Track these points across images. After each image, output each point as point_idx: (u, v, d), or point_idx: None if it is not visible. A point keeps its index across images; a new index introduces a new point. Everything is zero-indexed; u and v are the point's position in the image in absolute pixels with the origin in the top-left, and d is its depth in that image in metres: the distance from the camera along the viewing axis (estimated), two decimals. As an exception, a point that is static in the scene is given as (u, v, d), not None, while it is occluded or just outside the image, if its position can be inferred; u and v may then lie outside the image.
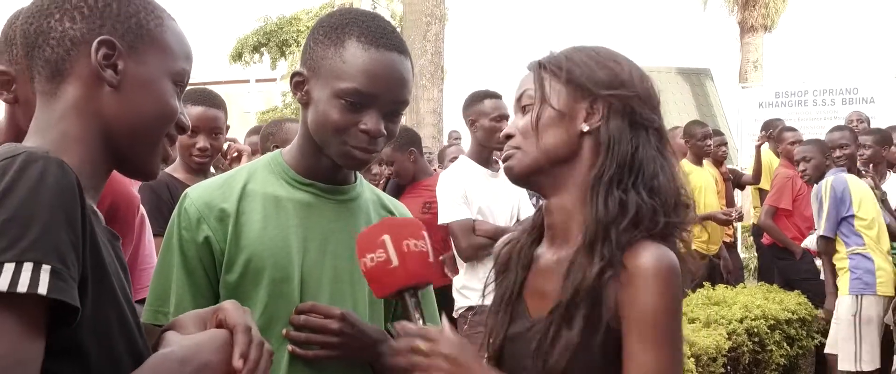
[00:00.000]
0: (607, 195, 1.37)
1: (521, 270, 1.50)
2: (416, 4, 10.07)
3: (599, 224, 1.36)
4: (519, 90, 1.50)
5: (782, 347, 4.80)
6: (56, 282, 0.91)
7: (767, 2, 18.28)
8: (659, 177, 1.40)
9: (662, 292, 1.32)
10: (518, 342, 1.45)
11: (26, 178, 0.93)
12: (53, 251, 0.92)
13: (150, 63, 1.16)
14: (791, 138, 6.43)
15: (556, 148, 1.43)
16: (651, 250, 1.34)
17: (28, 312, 0.91)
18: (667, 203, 1.39)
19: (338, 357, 1.54)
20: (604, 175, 1.38)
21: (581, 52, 1.47)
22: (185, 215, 1.55)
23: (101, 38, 1.12)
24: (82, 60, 1.12)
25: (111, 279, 1.04)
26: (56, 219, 0.93)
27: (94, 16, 1.13)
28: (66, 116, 1.12)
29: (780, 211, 6.14)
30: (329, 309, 1.53)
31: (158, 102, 1.17)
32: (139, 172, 1.22)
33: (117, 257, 1.12)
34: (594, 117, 1.42)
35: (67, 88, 1.13)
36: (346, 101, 1.50)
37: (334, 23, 1.56)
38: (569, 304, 1.35)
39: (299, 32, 20.32)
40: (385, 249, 1.42)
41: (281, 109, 20.19)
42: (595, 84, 1.42)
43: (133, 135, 1.16)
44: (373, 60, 1.51)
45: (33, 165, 0.95)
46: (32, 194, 0.93)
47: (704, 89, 18.57)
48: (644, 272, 1.32)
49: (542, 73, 1.46)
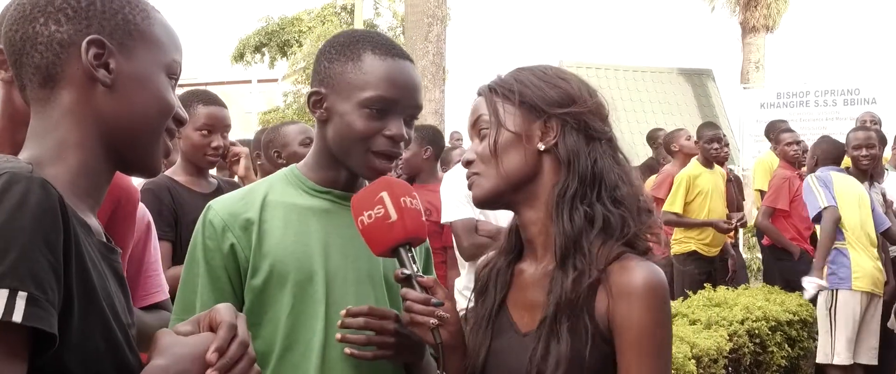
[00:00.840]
0: (573, 210, 1.42)
1: (499, 289, 1.53)
2: (418, 5, 10.08)
3: (568, 239, 1.41)
4: (472, 116, 1.53)
5: (783, 348, 4.80)
6: (32, 309, 0.90)
7: (769, 2, 18.28)
8: (620, 187, 1.45)
9: (655, 309, 1.37)
10: (505, 356, 1.47)
11: (7, 200, 0.92)
12: (30, 277, 0.90)
13: (141, 58, 1.14)
14: (788, 139, 6.43)
15: (518, 170, 1.47)
16: (639, 268, 1.39)
17: (6, 339, 0.90)
18: (631, 211, 1.44)
19: (392, 358, 1.57)
20: (567, 191, 1.43)
21: (529, 73, 1.50)
22: (209, 226, 1.58)
23: (90, 38, 1.09)
24: (73, 63, 1.10)
25: (99, 300, 1.02)
26: (35, 243, 0.91)
27: (79, 17, 1.10)
28: (63, 121, 1.10)
29: (777, 212, 6.15)
30: (385, 311, 1.56)
31: (155, 96, 1.16)
32: (143, 169, 1.20)
33: (113, 271, 1.10)
34: (549, 136, 1.46)
35: (61, 93, 1.11)
36: (370, 109, 1.55)
37: (344, 41, 1.62)
38: (553, 319, 1.40)
39: (301, 33, 20.34)
40: (383, 204, 1.48)
41: (282, 109, 20.19)
42: (547, 104, 1.46)
43: (133, 133, 1.14)
44: (391, 68, 1.58)
45: (15, 187, 0.93)
46: (11, 217, 0.91)
47: (706, 90, 18.57)
48: (635, 291, 1.37)
49: (493, 97, 1.49)
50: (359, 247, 1.60)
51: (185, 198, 2.90)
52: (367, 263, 1.61)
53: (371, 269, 1.62)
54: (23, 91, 1.14)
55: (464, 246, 3.68)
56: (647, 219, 1.46)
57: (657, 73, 18.59)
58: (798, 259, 6.01)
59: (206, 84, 18.44)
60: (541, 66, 1.53)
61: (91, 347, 1.00)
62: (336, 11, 20.73)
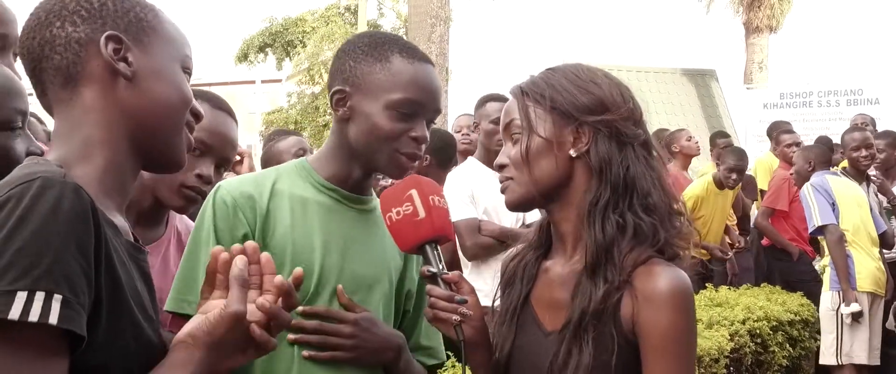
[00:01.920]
0: (604, 220, 1.41)
1: (525, 283, 1.53)
2: (422, 6, 10.11)
3: (600, 247, 1.40)
4: (505, 118, 1.52)
5: (785, 348, 4.81)
6: (66, 311, 0.93)
7: (773, 2, 18.26)
8: (652, 194, 1.44)
9: (680, 314, 1.37)
10: (529, 353, 1.48)
11: (41, 205, 0.94)
12: (65, 281, 0.93)
13: (157, 52, 1.18)
14: (788, 140, 6.44)
15: (549, 176, 1.46)
16: (665, 273, 1.39)
17: (42, 340, 0.93)
18: (662, 218, 1.44)
19: (352, 359, 1.58)
20: (599, 200, 1.42)
21: (561, 76, 1.49)
22: (221, 206, 1.58)
23: (108, 34, 1.13)
24: (93, 60, 1.13)
25: (128, 299, 1.05)
26: (69, 247, 0.94)
27: (93, 17, 1.14)
28: (86, 119, 1.13)
29: (777, 212, 6.16)
30: (343, 315, 1.58)
31: (174, 87, 1.19)
32: (167, 163, 1.22)
33: (140, 272, 1.13)
34: (581, 142, 1.45)
35: (83, 91, 1.14)
36: (398, 111, 1.58)
37: (371, 42, 1.64)
38: (577, 326, 1.40)
39: (305, 33, 20.34)
40: (412, 202, 1.50)
41: (286, 109, 20.20)
42: (578, 110, 1.45)
43: (155, 125, 1.17)
44: (418, 71, 1.61)
45: (49, 192, 0.96)
46: (46, 222, 0.94)
47: (709, 90, 18.56)
48: (661, 296, 1.37)
49: (525, 101, 1.49)
50: (357, 250, 1.63)
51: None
52: (364, 268, 1.64)
53: (365, 272, 1.64)
54: (43, 98, 1.17)
55: (467, 245, 3.69)
56: (678, 225, 1.46)
57: (660, 73, 18.58)
58: (797, 260, 6.02)
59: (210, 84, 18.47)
60: (573, 67, 1.51)
61: (121, 345, 1.03)
62: (340, 12, 20.74)
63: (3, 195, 0.96)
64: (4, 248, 0.92)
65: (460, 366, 1.54)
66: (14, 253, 0.92)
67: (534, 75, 1.53)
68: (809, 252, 6.07)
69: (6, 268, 0.91)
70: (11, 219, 0.93)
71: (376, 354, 1.61)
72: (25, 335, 0.92)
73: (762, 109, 12.61)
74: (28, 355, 0.92)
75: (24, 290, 0.91)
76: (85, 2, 1.14)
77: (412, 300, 1.77)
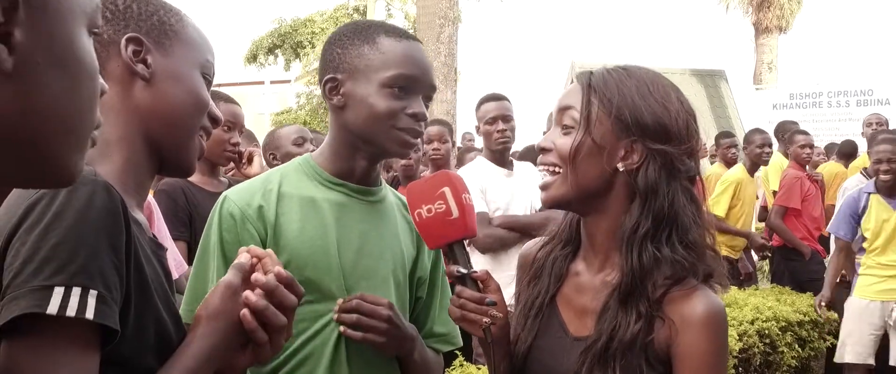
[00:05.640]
0: (642, 250, 1.38)
1: (553, 281, 1.51)
2: (430, 6, 10.11)
3: (635, 277, 1.38)
4: (563, 102, 1.46)
5: (794, 349, 4.79)
6: (101, 307, 0.95)
7: (782, 3, 18.22)
8: (692, 230, 1.41)
9: (714, 339, 1.37)
10: (550, 354, 1.47)
11: (75, 202, 0.96)
12: (100, 277, 0.95)
13: (177, 56, 1.20)
14: (802, 141, 6.42)
15: (591, 182, 1.42)
16: (701, 297, 1.37)
17: (78, 334, 0.95)
18: (700, 255, 1.41)
19: (382, 345, 1.59)
20: (639, 228, 1.39)
21: (633, 86, 1.42)
22: (228, 218, 1.58)
23: (129, 36, 1.16)
24: (113, 61, 1.16)
25: (152, 293, 1.07)
26: (102, 244, 0.96)
27: (117, 18, 1.17)
28: (105, 119, 1.13)
29: (789, 211, 6.14)
30: (377, 298, 1.59)
31: (190, 91, 1.21)
32: (180, 166, 1.24)
33: (162, 267, 1.15)
34: (631, 159, 1.40)
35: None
36: (393, 88, 1.57)
37: (356, 28, 1.65)
38: (603, 351, 1.38)
39: (313, 34, 20.40)
40: (445, 200, 1.47)
41: (295, 110, 20.26)
42: (641, 129, 1.39)
43: (170, 127, 1.19)
44: (408, 48, 1.61)
45: (82, 189, 0.97)
46: (81, 219, 0.96)
47: (719, 91, 18.51)
48: (698, 321, 1.36)
49: (591, 96, 1.42)
50: (372, 243, 1.64)
51: (199, 198, 2.97)
52: (378, 261, 1.64)
53: (380, 265, 1.64)
54: None
55: (479, 238, 3.72)
56: (713, 264, 1.43)
57: (669, 73, 18.38)
58: (809, 260, 5.99)
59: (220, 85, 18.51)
60: (649, 78, 1.44)
61: (145, 337, 1.05)
62: (348, 13, 20.79)
63: (36, 193, 0.97)
64: (41, 243, 0.94)
65: (469, 366, 1.55)
66: (51, 249, 0.93)
67: (606, 71, 1.45)
68: (821, 252, 6.04)
69: (43, 263, 0.93)
70: (47, 215, 0.95)
71: (402, 342, 1.62)
72: (63, 329, 0.93)
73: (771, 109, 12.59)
74: (64, 349, 0.94)
75: (61, 285, 0.93)
76: (110, 3, 1.17)
77: (424, 287, 1.77)
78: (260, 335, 1.12)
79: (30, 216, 0.95)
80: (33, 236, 0.94)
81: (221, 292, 1.12)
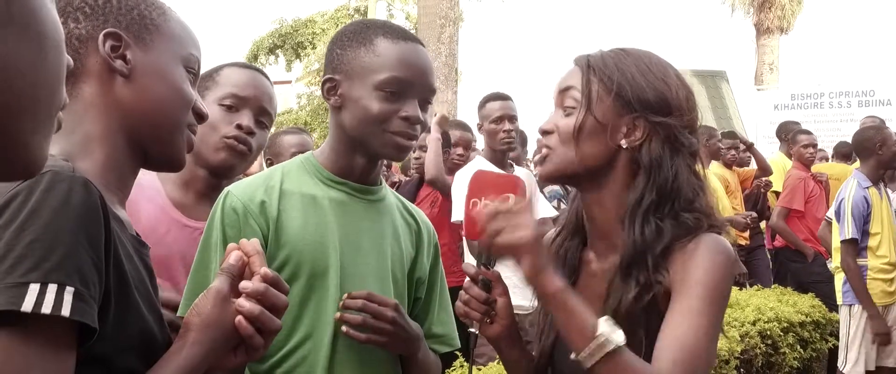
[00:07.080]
0: (645, 223, 1.38)
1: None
2: (431, 7, 10.11)
3: (637, 249, 1.38)
4: (563, 83, 1.47)
5: (795, 350, 4.78)
6: (78, 304, 0.93)
7: (783, 4, 18.23)
8: (696, 201, 1.41)
9: (709, 268, 1.33)
10: None
11: (52, 199, 0.94)
12: (77, 273, 0.93)
13: (157, 50, 1.18)
14: (805, 141, 6.40)
15: (593, 159, 1.42)
16: (705, 237, 1.36)
17: (54, 332, 0.93)
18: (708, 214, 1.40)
19: (385, 345, 1.59)
20: (643, 201, 1.39)
21: (632, 63, 1.43)
22: (230, 213, 1.57)
23: (107, 31, 1.14)
24: (92, 57, 1.14)
25: (133, 292, 1.05)
26: (80, 241, 0.95)
27: (96, 14, 1.15)
28: (86, 115, 1.14)
29: (792, 212, 6.13)
30: (384, 299, 1.58)
31: (171, 86, 1.19)
32: (167, 162, 1.22)
33: (144, 265, 1.13)
34: (634, 135, 1.41)
35: (83, 87, 1.15)
36: (385, 91, 1.57)
37: (356, 29, 1.64)
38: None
39: (314, 35, 20.42)
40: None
41: (296, 111, 20.26)
42: (641, 104, 1.40)
43: (152, 123, 1.17)
44: (404, 51, 1.59)
45: (59, 186, 0.96)
46: (58, 215, 0.94)
47: (720, 91, 18.50)
48: (697, 252, 1.34)
49: (590, 76, 1.43)
50: (371, 242, 1.63)
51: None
52: (378, 260, 1.64)
53: (380, 264, 1.64)
54: None
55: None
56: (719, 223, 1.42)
57: (670, 74, 18.51)
58: (812, 261, 5.98)
59: (220, 86, 18.49)
60: (646, 56, 1.46)
61: (126, 336, 1.04)
62: (349, 13, 20.81)
63: (12, 188, 0.96)
64: (17, 240, 0.92)
65: (468, 366, 1.54)
66: (26, 245, 0.92)
67: (604, 51, 1.47)
68: (823, 253, 6.03)
69: (19, 260, 0.91)
70: (23, 212, 0.93)
71: (407, 342, 1.62)
72: (37, 326, 0.91)
73: (773, 110, 12.58)
74: (39, 346, 0.92)
75: (37, 282, 0.91)
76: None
77: (423, 287, 1.77)
78: (256, 340, 1.12)
79: (4, 213, 0.93)
80: (8, 233, 0.92)
81: (213, 299, 1.11)
